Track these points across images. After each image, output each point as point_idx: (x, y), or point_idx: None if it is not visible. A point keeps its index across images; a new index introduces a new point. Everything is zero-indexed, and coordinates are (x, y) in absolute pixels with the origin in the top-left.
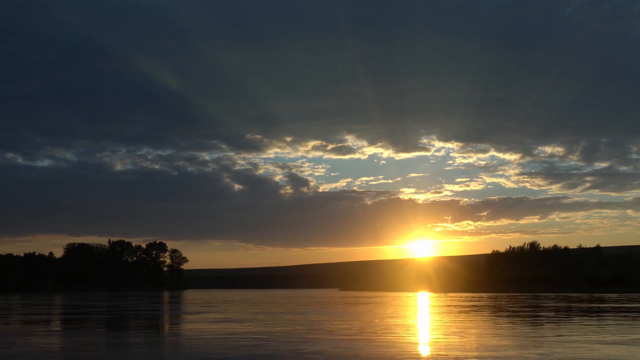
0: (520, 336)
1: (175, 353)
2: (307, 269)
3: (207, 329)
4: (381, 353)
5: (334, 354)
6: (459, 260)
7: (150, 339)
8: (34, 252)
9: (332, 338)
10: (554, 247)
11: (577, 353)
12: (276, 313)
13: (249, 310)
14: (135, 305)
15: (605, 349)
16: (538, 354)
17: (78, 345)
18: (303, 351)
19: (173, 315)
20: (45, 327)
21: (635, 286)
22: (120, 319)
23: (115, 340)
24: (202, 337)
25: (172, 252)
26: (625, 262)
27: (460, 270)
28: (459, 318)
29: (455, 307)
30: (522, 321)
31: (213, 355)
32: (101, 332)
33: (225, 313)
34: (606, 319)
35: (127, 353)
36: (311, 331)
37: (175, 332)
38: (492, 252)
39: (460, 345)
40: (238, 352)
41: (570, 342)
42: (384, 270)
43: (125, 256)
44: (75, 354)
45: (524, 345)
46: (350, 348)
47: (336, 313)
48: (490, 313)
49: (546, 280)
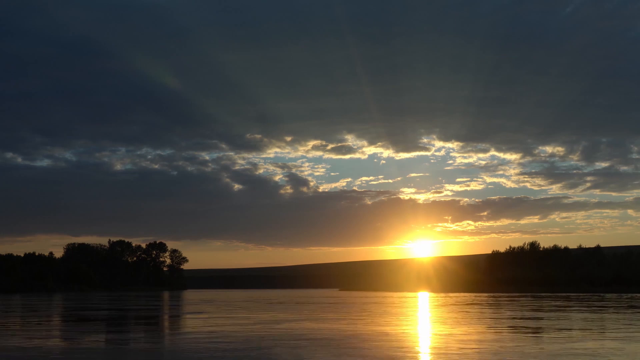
0: (519, 337)
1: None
2: (307, 269)
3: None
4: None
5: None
6: (459, 260)
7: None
8: (33, 252)
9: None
10: (554, 247)
11: (576, 348)
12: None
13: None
14: (169, 309)
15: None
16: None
17: (79, 345)
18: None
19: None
20: (45, 327)
21: (635, 286)
22: (145, 318)
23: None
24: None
25: (172, 252)
26: (625, 262)
27: (461, 270)
28: (452, 321)
29: (452, 309)
30: (522, 323)
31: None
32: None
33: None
34: (607, 318)
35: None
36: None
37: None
38: (492, 252)
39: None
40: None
41: (569, 339)
42: (384, 270)
43: (125, 256)
44: (77, 355)
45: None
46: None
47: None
48: (489, 318)
49: (546, 281)
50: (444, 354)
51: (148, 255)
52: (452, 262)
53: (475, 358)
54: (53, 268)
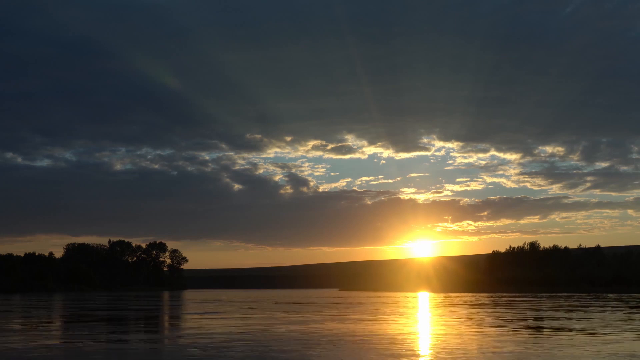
0: (518, 339)
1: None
2: (307, 269)
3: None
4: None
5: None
6: (459, 260)
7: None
8: (33, 252)
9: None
10: (554, 247)
11: (578, 349)
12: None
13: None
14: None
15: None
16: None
17: (77, 345)
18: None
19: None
20: (45, 327)
21: (635, 286)
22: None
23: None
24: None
25: (172, 252)
26: (625, 262)
27: (461, 270)
28: (445, 323)
29: (448, 310)
30: (522, 324)
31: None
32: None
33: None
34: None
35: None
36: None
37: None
38: (492, 252)
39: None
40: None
41: (570, 337)
42: (384, 270)
43: (125, 256)
44: (78, 355)
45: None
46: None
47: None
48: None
49: (546, 281)
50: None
51: (148, 255)
52: (452, 262)
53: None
54: (53, 268)
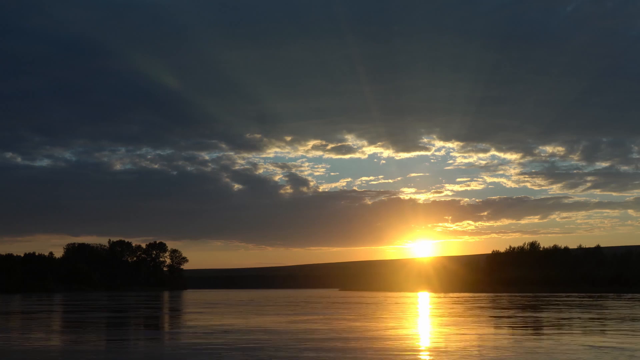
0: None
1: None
2: (307, 269)
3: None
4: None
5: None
6: (459, 260)
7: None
8: (33, 252)
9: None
10: (554, 247)
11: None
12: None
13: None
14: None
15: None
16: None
17: (79, 345)
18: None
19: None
20: (45, 327)
21: (635, 286)
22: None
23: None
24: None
25: (172, 252)
26: (625, 262)
27: (461, 270)
28: (441, 323)
29: (448, 310)
30: (522, 324)
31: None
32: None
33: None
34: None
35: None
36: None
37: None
38: (492, 252)
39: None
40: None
41: (569, 337)
42: (384, 270)
43: (125, 256)
44: (80, 355)
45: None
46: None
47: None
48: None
49: (546, 281)
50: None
51: (148, 255)
52: (452, 262)
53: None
54: (53, 268)
